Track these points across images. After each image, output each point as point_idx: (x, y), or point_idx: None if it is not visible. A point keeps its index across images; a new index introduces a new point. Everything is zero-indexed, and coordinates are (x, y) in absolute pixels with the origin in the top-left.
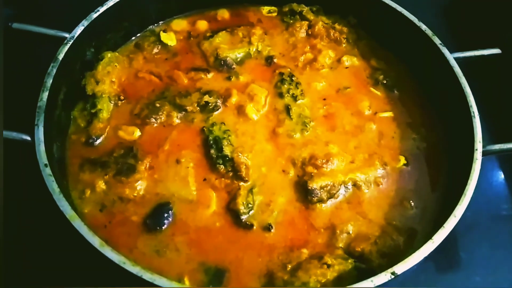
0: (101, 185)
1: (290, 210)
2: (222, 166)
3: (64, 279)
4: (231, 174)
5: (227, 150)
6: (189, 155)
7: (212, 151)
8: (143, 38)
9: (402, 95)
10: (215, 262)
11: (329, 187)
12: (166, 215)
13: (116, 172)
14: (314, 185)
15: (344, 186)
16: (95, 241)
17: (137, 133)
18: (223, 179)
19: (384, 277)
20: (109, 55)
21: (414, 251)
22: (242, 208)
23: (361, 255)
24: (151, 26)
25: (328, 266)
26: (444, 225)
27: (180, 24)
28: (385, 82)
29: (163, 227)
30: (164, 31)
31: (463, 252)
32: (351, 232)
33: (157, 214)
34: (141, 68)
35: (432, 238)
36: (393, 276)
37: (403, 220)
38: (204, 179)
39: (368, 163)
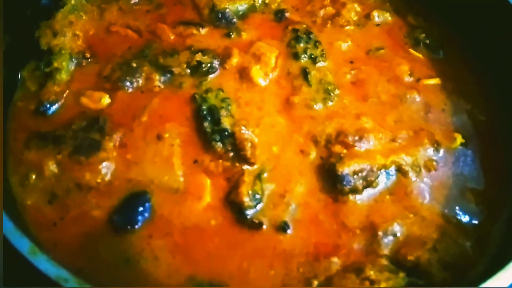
0: (51, 167)
1: (312, 203)
2: (219, 144)
3: None
4: (231, 154)
5: (226, 123)
6: (174, 130)
7: (206, 124)
8: None
9: (449, 58)
10: (209, 276)
11: (365, 172)
12: (141, 209)
13: (74, 149)
14: (345, 169)
15: (385, 172)
16: (24, 245)
17: (106, 100)
18: (220, 161)
19: None
20: (72, 1)
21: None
22: (247, 200)
23: (416, 266)
24: None
25: (372, 282)
26: None
27: None
28: (427, 42)
29: (137, 226)
30: None
31: None
32: (398, 234)
33: (128, 208)
34: (115, 21)
35: None
36: None
37: (467, 217)
38: (195, 161)
39: (414, 141)
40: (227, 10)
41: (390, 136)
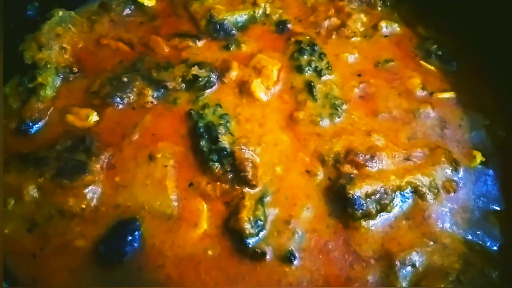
0: (31, 191)
1: (321, 229)
2: (217, 164)
3: None
4: (230, 175)
5: (224, 141)
6: (168, 149)
7: (203, 142)
8: None
9: (463, 70)
10: None
11: (378, 194)
12: (130, 238)
13: (57, 172)
14: (357, 191)
15: (401, 194)
16: None
17: (94, 117)
18: (218, 183)
19: None
20: (60, 13)
21: None
22: (248, 227)
23: None
24: None
25: None
26: None
27: None
28: (439, 53)
29: (125, 258)
30: None
31: None
32: (417, 265)
33: (115, 237)
34: (105, 33)
35: None
36: None
37: (492, 243)
38: (190, 184)
39: (430, 160)
40: (226, 21)
41: (404, 154)
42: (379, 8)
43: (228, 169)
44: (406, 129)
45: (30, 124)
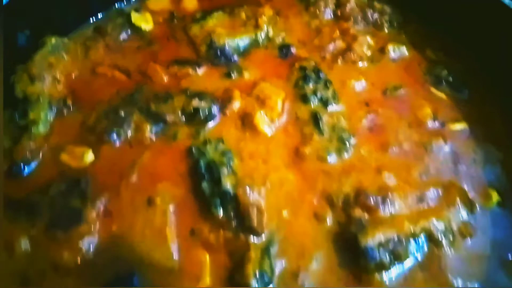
0: (23, 243)
1: (331, 282)
2: (220, 210)
3: None
4: (234, 222)
5: (227, 183)
6: (167, 192)
7: (205, 184)
8: (106, 19)
9: (475, 97)
10: None
11: (392, 243)
12: None
13: (50, 222)
14: (369, 241)
15: (415, 241)
16: None
17: (89, 156)
18: (221, 231)
19: None
20: (53, 40)
21: None
22: (254, 282)
23: None
24: (118, 4)
25: None
26: None
27: (159, 1)
28: (450, 79)
29: None
30: (137, 10)
31: None
32: None
33: None
34: (101, 60)
35: None
36: None
37: None
38: (192, 232)
39: (445, 201)
40: (227, 46)
41: (417, 194)
42: (386, 30)
43: (232, 215)
44: (418, 165)
45: (22, 166)
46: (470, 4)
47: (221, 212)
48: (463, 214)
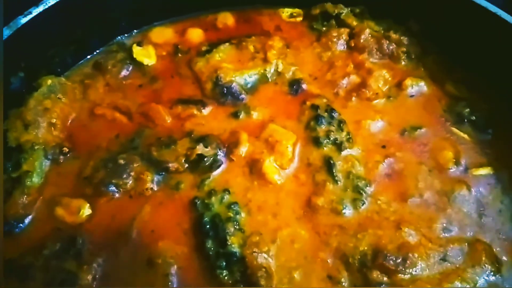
0: None
1: None
2: (225, 272)
3: None
4: (241, 287)
5: (234, 243)
6: (169, 251)
7: (209, 244)
8: (106, 54)
9: (501, 138)
10: None
11: None
12: None
13: None
14: None
15: None
16: None
17: (86, 211)
18: None
19: None
20: (49, 81)
21: None
22: None
23: None
24: (119, 37)
25: None
26: None
27: (163, 33)
28: (473, 118)
29: None
30: (139, 44)
31: None
32: None
33: None
34: (100, 100)
35: None
36: None
37: None
38: None
39: (470, 260)
40: (234, 83)
41: (440, 253)
42: (403, 62)
43: (238, 278)
44: (440, 217)
45: (14, 223)
46: (493, 34)
47: (226, 275)
48: (489, 274)
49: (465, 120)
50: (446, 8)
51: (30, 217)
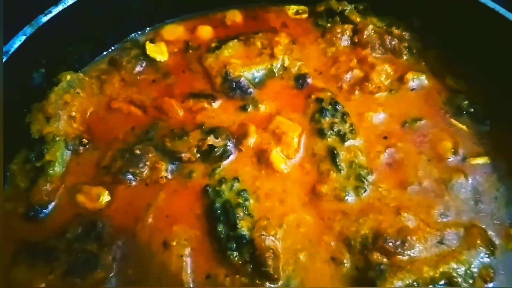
0: None
1: None
2: (235, 254)
3: None
4: (250, 267)
5: (243, 226)
6: (183, 234)
7: (220, 227)
8: (121, 51)
9: (498, 129)
10: None
11: None
12: None
13: (67, 268)
14: None
15: (434, 287)
16: None
17: (105, 197)
18: (237, 276)
19: None
20: (68, 77)
21: None
22: None
23: None
24: (133, 35)
25: None
26: None
27: (174, 31)
28: (471, 110)
29: None
30: (152, 41)
31: None
32: None
33: None
34: (116, 95)
35: None
36: None
37: None
38: (208, 276)
39: (466, 243)
40: (242, 78)
41: (437, 236)
42: (405, 57)
43: (247, 259)
44: (438, 203)
45: (39, 209)
46: (492, 30)
47: (236, 256)
48: (484, 256)
49: (464, 112)
50: (447, 5)
51: (53, 203)
